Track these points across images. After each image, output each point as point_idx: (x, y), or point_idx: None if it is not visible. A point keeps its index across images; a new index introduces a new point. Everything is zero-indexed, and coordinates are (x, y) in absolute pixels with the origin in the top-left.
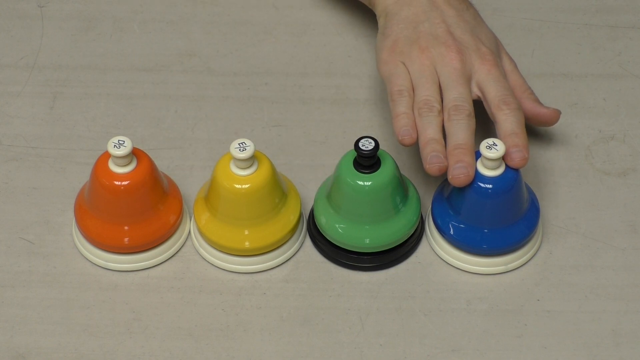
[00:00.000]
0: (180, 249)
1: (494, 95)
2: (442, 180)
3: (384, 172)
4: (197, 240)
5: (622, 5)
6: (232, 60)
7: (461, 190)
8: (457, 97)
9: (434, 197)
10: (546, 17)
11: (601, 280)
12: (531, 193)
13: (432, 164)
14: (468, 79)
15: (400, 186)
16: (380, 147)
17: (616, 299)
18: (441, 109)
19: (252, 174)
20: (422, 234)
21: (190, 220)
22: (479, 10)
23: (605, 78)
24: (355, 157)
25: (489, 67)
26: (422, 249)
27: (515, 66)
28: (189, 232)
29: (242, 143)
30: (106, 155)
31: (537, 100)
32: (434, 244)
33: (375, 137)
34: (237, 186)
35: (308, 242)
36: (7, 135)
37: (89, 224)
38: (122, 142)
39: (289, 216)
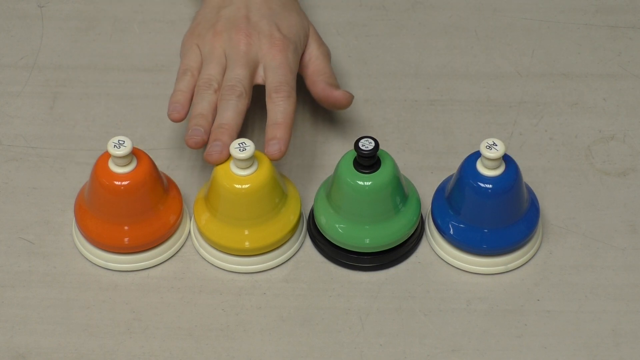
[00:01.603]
0: (180, 249)
1: (269, 82)
2: (443, 180)
3: (384, 172)
4: (197, 240)
5: (622, 5)
6: None
7: (461, 190)
8: (233, 77)
9: (434, 197)
10: (546, 17)
11: (601, 280)
12: (531, 193)
13: (190, 137)
14: (251, 62)
15: (400, 186)
16: (380, 147)
17: (616, 299)
18: (219, 88)
19: (252, 174)
20: (422, 234)
21: (190, 220)
22: (479, 11)
23: (605, 78)
24: (355, 157)
25: (275, 52)
26: (422, 249)
27: (324, 54)
28: (189, 232)
29: (242, 143)
30: (106, 155)
31: (331, 84)
32: (434, 244)
33: (375, 137)
34: (237, 186)
35: (308, 242)
36: (7, 135)
37: (89, 224)
38: (122, 142)
39: (289, 216)
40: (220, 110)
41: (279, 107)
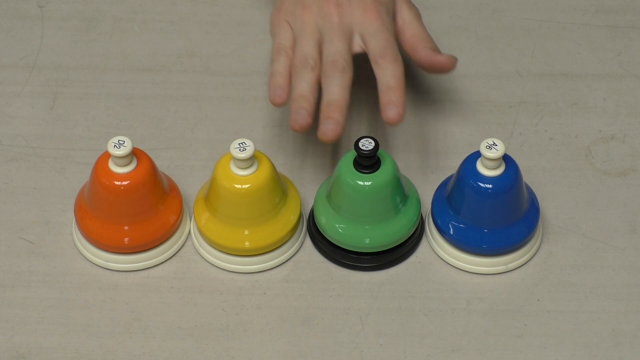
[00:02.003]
0: (180, 249)
1: (372, 48)
2: (443, 180)
3: (384, 172)
4: (197, 240)
5: (622, 5)
6: (232, 60)
7: (461, 190)
8: (333, 52)
9: (434, 197)
10: (546, 17)
11: (601, 280)
12: (531, 193)
13: (295, 122)
14: (347, 33)
15: (400, 186)
16: (380, 147)
17: (616, 299)
18: (316, 65)
19: (252, 174)
20: (422, 234)
21: (190, 220)
22: (479, 11)
23: (605, 78)
24: (355, 157)
25: (371, 18)
26: (422, 249)
27: (416, 16)
28: (189, 232)
29: (242, 143)
30: (106, 155)
31: (433, 49)
32: (434, 244)
33: (375, 137)
34: (237, 186)
35: (308, 242)
36: (7, 135)
37: (89, 224)
38: (122, 142)
39: (289, 216)
40: (325, 87)
41: (389, 71)
